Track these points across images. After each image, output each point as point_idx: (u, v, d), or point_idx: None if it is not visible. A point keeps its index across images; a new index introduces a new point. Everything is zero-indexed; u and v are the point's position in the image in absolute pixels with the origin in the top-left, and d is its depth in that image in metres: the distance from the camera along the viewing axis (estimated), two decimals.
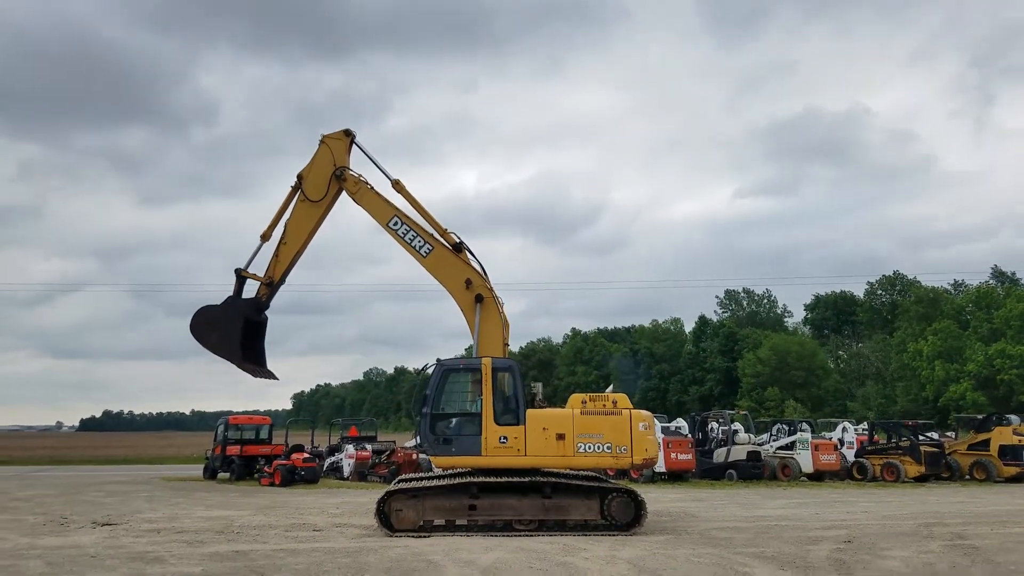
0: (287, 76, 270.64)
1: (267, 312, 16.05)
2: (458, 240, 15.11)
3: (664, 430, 26.90)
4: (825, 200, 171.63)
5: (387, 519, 13.46)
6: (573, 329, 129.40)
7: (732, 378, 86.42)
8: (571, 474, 13.91)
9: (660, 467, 25.66)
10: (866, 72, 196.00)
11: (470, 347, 14.88)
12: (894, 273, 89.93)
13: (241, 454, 29.23)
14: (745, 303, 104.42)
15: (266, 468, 26.82)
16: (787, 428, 30.50)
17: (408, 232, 15.15)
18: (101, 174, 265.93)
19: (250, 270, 15.72)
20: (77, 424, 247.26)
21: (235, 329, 15.34)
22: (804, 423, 31.36)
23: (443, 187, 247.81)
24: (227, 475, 29.31)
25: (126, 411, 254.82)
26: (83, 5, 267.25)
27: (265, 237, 15.76)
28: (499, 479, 13.36)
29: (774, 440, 29.84)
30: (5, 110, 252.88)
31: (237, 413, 32.65)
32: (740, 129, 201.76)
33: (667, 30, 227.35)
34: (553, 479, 13.52)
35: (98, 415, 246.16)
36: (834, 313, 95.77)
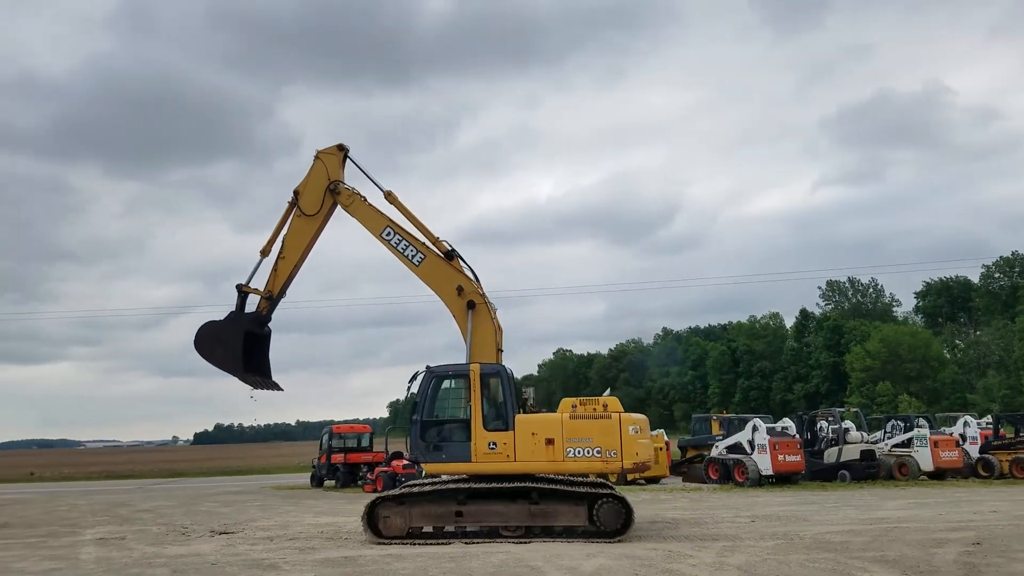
0: (360, 105, 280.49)
1: (270, 325, 16.19)
2: (450, 248, 15.16)
3: (770, 431, 26.02)
4: (912, 185, 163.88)
5: (375, 526, 13.55)
6: (664, 329, 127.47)
7: (839, 373, 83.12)
8: (558, 479, 13.74)
9: (767, 470, 24.84)
10: (942, 50, 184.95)
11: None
12: (1012, 254, 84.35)
13: (345, 462, 30.04)
14: (850, 294, 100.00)
15: (369, 475, 27.46)
16: (903, 424, 29.01)
17: (401, 242, 15.26)
18: (197, 206, 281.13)
19: (251, 285, 15.91)
20: (192, 438, 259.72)
21: (237, 343, 15.54)
22: (921, 418, 29.82)
23: (515, 196, 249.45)
24: (332, 483, 30.18)
25: (236, 424, 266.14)
26: (174, 54, 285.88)
27: (264, 252, 15.96)
28: (487, 485, 13.35)
29: (889, 437, 28.40)
30: (109, 153, 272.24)
31: (339, 422, 33.56)
32: (812, 118, 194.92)
33: (722, 28, 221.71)
34: (541, 485, 13.39)
35: (210, 429, 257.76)
36: (947, 300, 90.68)
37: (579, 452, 13.24)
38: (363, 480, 27.98)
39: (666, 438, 30.58)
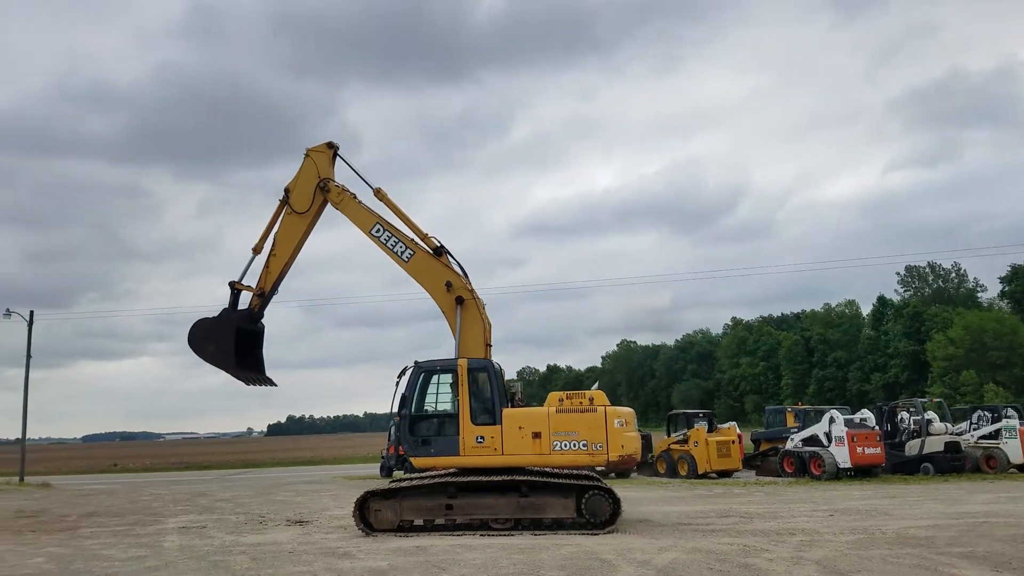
0: (415, 103, 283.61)
1: (263, 321, 16.16)
2: (439, 244, 15.10)
3: (848, 422, 25.22)
4: (990, 165, 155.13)
5: (366, 519, 13.62)
6: (734, 318, 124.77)
7: (920, 362, 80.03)
8: (548, 472, 13.71)
9: (845, 463, 24.09)
10: (1016, 24, 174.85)
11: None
12: None
13: None
14: (930, 279, 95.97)
15: None
16: (990, 415, 27.72)
17: (390, 239, 15.23)
18: (262, 206, 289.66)
19: (244, 282, 15.91)
20: (265, 429, 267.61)
21: (228, 339, 15.56)
22: (1009, 408, 28.41)
23: (572, 189, 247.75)
24: (401, 473, 30.60)
25: (307, 416, 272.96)
26: (238, 60, 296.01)
27: (256, 250, 15.93)
28: (477, 479, 13.37)
29: (975, 429, 27.20)
30: (179, 157, 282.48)
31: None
32: (879, 100, 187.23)
33: (782, 11, 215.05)
34: (531, 478, 13.38)
35: (283, 420, 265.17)
36: None
37: (565, 445, 13.37)
38: None
39: (738, 431, 29.95)
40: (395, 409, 14.12)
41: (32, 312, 39.02)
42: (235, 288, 15.99)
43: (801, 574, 9.41)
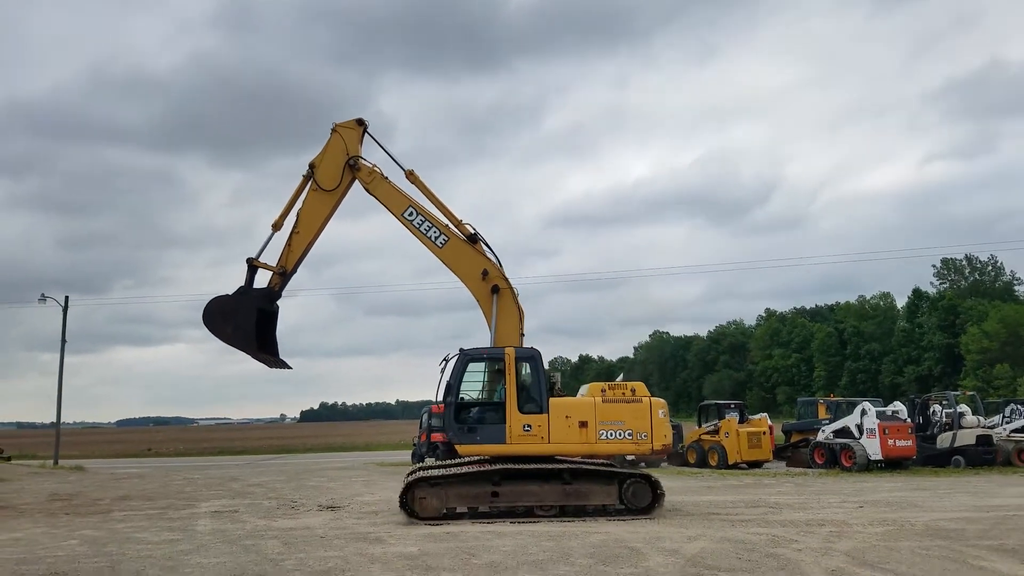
0: (450, 92, 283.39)
1: (279, 302, 15.63)
2: (473, 231, 14.86)
3: (880, 414, 24.98)
4: None
5: (411, 507, 13.67)
6: (767, 310, 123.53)
7: (954, 355, 78.87)
8: (592, 460, 13.95)
9: (876, 455, 23.85)
10: None
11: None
12: None
13: (444, 440, 30.70)
14: (967, 272, 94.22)
15: None
16: (1023, 408, 27.30)
17: (423, 223, 14.93)
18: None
19: (262, 259, 15.35)
20: (298, 415, 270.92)
21: (249, 319, 14.95)
22: None
23: (605, 179, 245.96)
24: (433, 460, 30.91)
25: (340, 403, 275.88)
26: (273, 48, 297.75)
27: (277, 226, 15.36)
28: (524, 466, 13.52)
29: (1007, 422, 26.82)
30: (214, 145, 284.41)
31: (437, 403, 34.29)
32: (916, 91, 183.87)
33: (818, 0, 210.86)
34: (576, 465, 13.61)
35: (316, 407, 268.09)
36: None
37: (611, 434, 13.65)
38: None
39: (769, 422, 29.79)
40: (440, 396, 14.19)
41: (67, 297, 39.92)
42: (253, 265, 15.38)
43: (830, 565, 9.39)
